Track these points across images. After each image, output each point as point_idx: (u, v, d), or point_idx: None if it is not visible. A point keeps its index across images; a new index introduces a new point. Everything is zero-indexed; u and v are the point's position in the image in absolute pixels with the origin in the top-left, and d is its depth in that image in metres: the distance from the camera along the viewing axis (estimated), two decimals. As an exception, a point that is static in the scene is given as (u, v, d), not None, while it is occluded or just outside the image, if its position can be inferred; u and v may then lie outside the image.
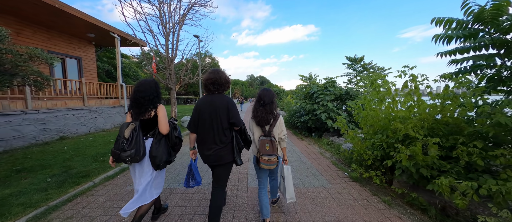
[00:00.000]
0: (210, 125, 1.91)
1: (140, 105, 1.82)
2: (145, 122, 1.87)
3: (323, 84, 7.40)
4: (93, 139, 6.15)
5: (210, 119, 1.90)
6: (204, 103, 1.94)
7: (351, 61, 9.79)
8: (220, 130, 1.91)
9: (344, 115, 6.04)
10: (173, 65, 10.22)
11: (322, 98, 6.61)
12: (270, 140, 2.03)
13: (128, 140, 1.74)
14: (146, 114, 1.84)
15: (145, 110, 1.83)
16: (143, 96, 1.81)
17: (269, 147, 2.01)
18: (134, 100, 1.83)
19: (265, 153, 2.00)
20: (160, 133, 1.88)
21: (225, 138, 1.94)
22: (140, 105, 1.81)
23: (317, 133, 7.15)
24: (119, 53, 8.86)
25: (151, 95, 1.84)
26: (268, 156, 1.99)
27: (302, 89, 10.12)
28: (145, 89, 1.83)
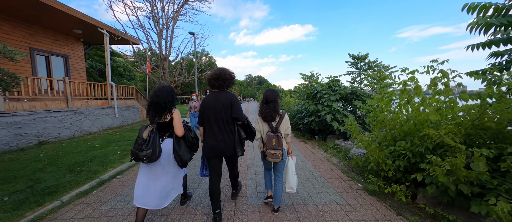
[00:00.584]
0: (215, 119, 2.08)
1: (157, 109, 1.97)
2: (162, 125, 2.02)
3: (326, 83, 6.91)
4: (76, 144, 5.58)
5: (215, 114, 2.07)
6: (210, 100, 2.11)
7: (355, 59, 9.31)
8: (224, 124, 2.09)
9: (351, 117, 5.56)
10: (167, 63, 9.68)
11: (326, 98, 6.12)
12: (276, 135, 2.19)
13: (146, 141, 1.86)
14: (162, 117, 1.98)
15: (162, 114, 1.98)
16: (159, 101, 1.96)
17: (275, 141, 2.17)
18: (152, 104, 1.99)
19: (271, 147, 2.16)
20: (177, 135, 2.04)
21: (229, 131, 2.12)
22: (157, 109, 1.97)
23: (320, 135, 6.66)
24: (108, 50, 8.28)
25: (167, 100, 1.99)
26: (274, 150, 2.15)
27: (304, 89, 9.64)
28: (162, 95, 1.99)
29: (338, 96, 6.05)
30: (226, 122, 2.09)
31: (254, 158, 4.74)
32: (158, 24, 8.61)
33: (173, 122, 2.02)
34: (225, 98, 2.09)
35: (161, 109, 1.96)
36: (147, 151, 1.82)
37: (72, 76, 9.29)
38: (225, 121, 2.09)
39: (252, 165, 4.24)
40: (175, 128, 2.02)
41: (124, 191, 3.02)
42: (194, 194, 2.91)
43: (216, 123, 2.08)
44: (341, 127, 5.58)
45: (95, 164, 4.03)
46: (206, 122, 2.14)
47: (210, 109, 2.09)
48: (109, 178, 3.44)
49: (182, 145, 2.06)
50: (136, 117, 10.06)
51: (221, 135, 2.09)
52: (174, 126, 2.02)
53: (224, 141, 2.09)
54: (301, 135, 7.47)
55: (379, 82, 5.89)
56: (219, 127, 2.09)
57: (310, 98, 6.98)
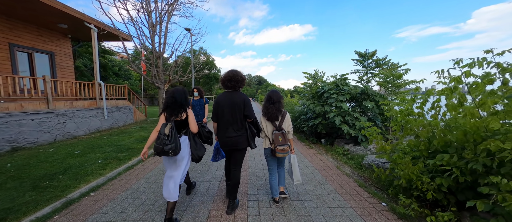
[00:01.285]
0: (229, 116, 2.31)
1: (173, 109, 2.18)
2: (178, 123, 2.22)
3: (333, 82, 6.32)
4: (54, 151, 4.95)
5: (228, 111, 2.30)
6: (224, 98, 2.34)
7: (361, 56, 8.73)
8: (237, 121, 2.32)
9: (363, 119, 4.97)
10: (161, 61, 9.05)
11: (334, 98, 5.53)
12: (282, 133, 2.45)
13: (169, 137, 2.07)
14: (178, 116, 2.19)
15: (177, 112, 2.19)
16: (175, 101, 2.18)
17: (281, 138, 2.41)
18: (169, 104, 2.18)
19: (279, 143, 2.39)
20: (192, 132, 2.27)
21: (241, 127, 2.34)
22: (174, 108, 2.18)
23: (327, 139, 6.08)
24: (96, 47, 7.64)
25: (181, 100, 2.21)
26: (282, 146, 2.39)
27: (307, 88, 9.06)
28: (178, 96, 2.20)
29: (347, 96, 5.46)
30: (239, 119, 2.31)
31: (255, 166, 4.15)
32: (150, 17, 7.99)
33: (187, 119, 2.23)
34: (238, 98, 2.32)
35: (177, 108, 2.17)
36: (171, 145, 2.03)
37: (59, 75, 8.65)
38: (238, 118, 2.31)
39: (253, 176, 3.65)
40: (190, 125, 2.24)
41: (95, 215, 2.41)
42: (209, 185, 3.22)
43: (230, 119, 2.31)
44: (352, 130, 5.00)
45: (67, 176, 3.41)
46: (220, 118, 2.36)
47: (224, 107, 2.31)
48: (80, 196, 2.83)
49: (198, 142, 2.32)
50: (128, 119, 9.43)
51: (234, 130, 2.32)
52: (189, 123, 2.24)
53: (236, 135, 2.31)
54: (306, 138, 6.89)
55: (393, 80, 5.31)
56: (232, 124, 2.32)
57: (316, 98, 6.40)
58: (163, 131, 2.07)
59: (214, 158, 2.66)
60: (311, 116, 6.15)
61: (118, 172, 3.70)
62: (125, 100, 9.57)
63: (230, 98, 2.31)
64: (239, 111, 2.29)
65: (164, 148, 2.01)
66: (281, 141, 2.40)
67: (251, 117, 2.34)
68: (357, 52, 8.91)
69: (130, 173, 3.74)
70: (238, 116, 2.30)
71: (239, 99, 2.31)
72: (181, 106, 2.19)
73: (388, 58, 8.15)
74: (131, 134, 7.09)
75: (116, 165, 4.00)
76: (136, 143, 5.84)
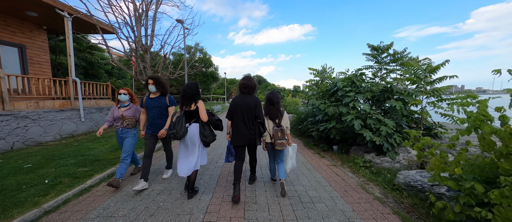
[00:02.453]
0: (242, 116, 2.66)
1: (185, 99, 2.59)
2: (189, 113, 2.61)
3: (347, 78, 5.31)
4: (2, 162, 3.92)
5: (242, 112, 2.65)
6: (239, 101, 2.70)
7: (375, 50, 7.72)
8: (250, 120, 2.68)
9: (391, 123, 3.96)
10: (148, 56, 8.00)
11: (351, 97, 4.52)
12: (280, 129, 2.81)
13: (174, 123, 2.51)
14: (190, 106, 2.58)
15: (188, 103, 2.58)
16: (186, 94, 2.58)
17: (280, 134, 2.77)
18: (181, 96, 2.62)
19: (278, 138, 2.74)
20: (202, 120, 2.59)
21: (253, 126, 2.70)
22: (185, 99, 2.58)
23: (341, 146, 5.06)
24: (70, 38, 6.60)
25: (192, 93, 2.60)
26: (280, 140, 2.73)
27: (313, 86, 8.04)
28: (189, 89, 2.60)
29: (368, 95, 4.44)
30: (251, 119, 2.68)
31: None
32: (134, 4, 6.96)
33: (198, 110, 2.59)
34: (251, 101, 2.69)
35: (187, 99, 2.58)
36: (173, 130, 2.47)
37: (32, 71, 7.61)
38: (250, 118, 2.67)
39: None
40: (201, 114, 2.58)
41: None
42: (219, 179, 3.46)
43: (243, 119, 2.66)
44: (375, 137, 3.98)
45: (-15, 208, 2.38)
46: (234, 117, 2.71)
47: (239, 107, 2.67)
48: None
49: (206, 129, 2.64)
50: (111, 121, 8.39)
51: (246, 129, 2.66)
52: (200, 113, 2.58)
53: (248, 133, 2.67)
54: (314, 144, 5.86)
55: (425, 75, 4.30)
56: (244, 123, 2.66)
57: (327, 97, 5.39)
58: (171, 119, 2.58)
59: (227, 159, 2.91)
60: (322, 118, 5.13)
61: (63, 199, 2.66)
62: (109, 100, 8.53)
63: (245, 101, 2.68)
64: (251, 112, 2.66)
65: (168, 131, 2.49)
66: (280, 136, 2.74)
67: (260, 117, 2.72)
68: (370, 46, 7.90)
69: (82, 200, 2.71)
70: (250, 116, 2.67)
71: (251, 102, 2.67)
72: (192, 98, 2.58)
73: (407, 51, 7.14)
74: (109, 140, 6.06)
75: (67, 187, 2.97)
76: (109, 151, 4.81)
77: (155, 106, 2.97)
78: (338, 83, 4.96)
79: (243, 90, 2.75)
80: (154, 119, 3.00)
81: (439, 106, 4.19)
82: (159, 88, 2.99)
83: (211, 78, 17.12)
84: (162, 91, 3.03)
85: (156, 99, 2.99)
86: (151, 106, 2.97)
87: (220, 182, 3.33)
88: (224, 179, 3.45)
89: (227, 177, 3.53)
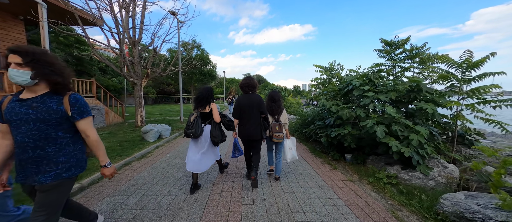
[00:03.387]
0: (248, 113, 2.93)
1: (198, 102, 2.85)
2: (203, 114, 2.85)
3: (363, 76, 4.55)
4: None
5: (248, 109, 2.92)
6: (244, 99, 2.96)
7: (388, 45, 6.95)
8: (254, 117, 2.93)
9: (424, 131, 3.19)
10: (137, 50, 7.22)
11: (370, 98, 3.75)
12: (279, 123, 3.14)
13: (192, 123, 2.73)
14: (204, 108, 2.83)
15: (203, 105, 2.83)
16: (200, 96, 2.85)
17: (278, 128, 3.10)
18: (195, 99, 2.89)
19: (276, 131, 3.08)
20: (215, 121, 2.84)
21: (257, 122, 2.94)
22: (198, 102, 2.84)
23: (356, 155, 4.29)
24: (46, 28, 5.82)
25: (206, 96, 2.85)
26: (278, 133, 3.07)
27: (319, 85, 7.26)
28: (205, 92, 2.87)
29: (392, 95, 3.66)
30: (255, 115, 2.93)
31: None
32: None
33: (212, 112, 2.83)
34: (255, 99, 2.96)
35: (201, 102, 2.83)
36: (192, 130, 2.68)
37: (6, 66, 6.80)
38: (254, 115, 2.93)
39: None
40: (214, 115, 2.82)
41: None
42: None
43: (249, 116, 2.93)
44: (403, 147, 3.21)
45: None
46: (241, 115, 2.96)
47: (244, 106, 2.93)
48: None
49: (217, 129, 2.84)
50: (96, 122, 7.60)
51: (252, 124, 2.93)
52: (213, 114, 2.83)
53: (254, 128, 2.93)
54: (322, 151, 5.09)
55: (465, 72, 3.52)
56: (250, 119, 2.93)
57: (339, 97, 4.62)
58: (189, 119, 2.81)
59: (233, 154, 3.22)
60: (333, 122, 4.35)
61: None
62: (93, 99, 7.74)
63: (249, 99, 2.96)
64: (256, 108, 2.93)
65: (187, 131, 2.72)
66: (278, 129, 3.09)
67: (264, 113, 3.00)
68: (383, 41, 7.12)
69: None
70: (255, 112, 2.94)
71: (255, 99, 2.96)
72: (206, 101, 2.86)
73: (427, 46, 6.36)
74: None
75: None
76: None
77: (29, 118, 1.32)
78: (353, 81, 4.18)
79: (245, 89, 3.03)
80: (27, 149, 1.34)
81: (479, 110, 3.43)
82: (39, 73, 1.32)
83: (209, 76, 16.32)
84: (50, 84, 1.39)
85: (33, 103, 1.35)
86: (20, 120, 1.32)
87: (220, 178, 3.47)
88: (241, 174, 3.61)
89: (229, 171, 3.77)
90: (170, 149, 5.37)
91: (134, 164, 4.10)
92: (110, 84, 18.75)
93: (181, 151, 5.12)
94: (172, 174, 3.63)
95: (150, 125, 6.05)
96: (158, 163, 4.19)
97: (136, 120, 7.60)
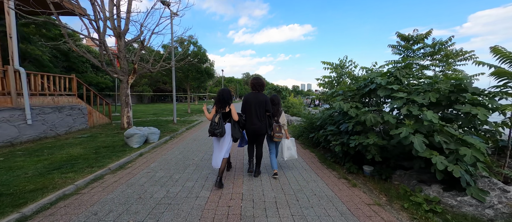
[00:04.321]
0: (255, 110, 3.22)
1: (221, 103, 3.10)
2: (224, 113, 3.12)
3: (385, 73, 3.80)
4: None
5: (254, 107, 3.22)
6: (251, 97, 3.28)
7: (405, 40, 6.21)
8: (260, 114, 3.23)
9: (481, 145, 2.44)
10: (123, 42, 6.40)
11: (402, 100, 2.99)
12: (278, 125, 3.44)
13: (217, 124, 2.99)
14: (224, 108, 3.10)
15: (224, 106, 3.11)
16: (222, 98, 3.11)
17: (278, 128, 3.40)
18: (217, 100, 3.13)
19: (276, 132, 3.38)
20: (233, 119, 3.12)
21: (262, 118, 3.25)
22: (221, 103, 3.10)
23: (380, 168, 3.54)
24: (12, 15, 4.98)
25: (226, 98, 3.13)
26: (278, 133, 3.38)
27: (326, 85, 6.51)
28: (224, 94, 3.13)
29: (433, 96, 2.89)
30: (261, 113, 3.24)
31: None
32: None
33: (230, 112, 3.11)
34: (261, 98, 3.27)
35: (223, 103, 3.10)
36: (219, 130, 2.95)
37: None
38: (260, 112, 3.23)
39: None
40: (233, 115, 3.10)
41: None
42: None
43: (256, 112, 3.22)
44: (451, 165, 2.46)
45: None
46: (247, 112, 3.27)
47: (251, 104, 3.24)
48: None
49: (236, 127, 3.12)
50: (76, 123, 6.76)
51: (258, 121, 3.23)
52: (232, 114, 3.10)
53: (259, 124, 3.23)
54: (334, 160, 4.33)
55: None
56: (256, 115, 3.22)
57: (357, 98, 3.87)
58: (214, 120, 3.02)
59: (240, 144, 3.65)
60: (352, 129, 3.58)
61: None
62: (74, 98, 6.89)
63: (256, 97, 3.28)
64: (262, 106, 3.23)
65: (214, 131, 2.96)
66: (278, 130, 3.39)
67: (269, 111, 3.31)
68: (400, 35, 6.38)
69: None
70: (261, 110, 3.23)
71: (262, 98, 3.27)
72: (227, 102, 3.11)
73: (452, 41, 5.60)
74: (60, 150, 4.48)
75: None
76: (36, 176, 3.22)
77: None
78: (377, 79, 3.42)
79: (256, 88, 3.34)
80: None
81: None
82: None
83: (206, 75, 15.49)
84: None
85: None
86: None
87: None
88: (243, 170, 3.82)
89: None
90: (156, 156, 4.58)
91: (107, 179, 3.30)
92: (101, 81, 17.77)
93: (168, 160, 4.33)
94: (151, 194, 2.84)
95: (134, 128, 5.24)
96: (137, 177, 3.41)
97: (122, 121, 6.78)
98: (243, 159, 4.49)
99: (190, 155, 4.74)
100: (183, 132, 7.54)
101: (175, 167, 3.93)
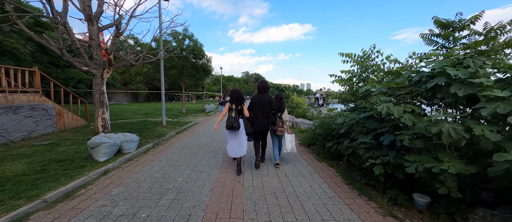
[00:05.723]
0: (260, 109, 3.76)
1: (236, 101, 3.53)
2: (237, 110, 3.54)
3: (453, 60, 2.64)
4: None
5: (260, 106, 3.76)
6: (258, 98, 3.82)
7: (444, 27, 5.03)
8: (265, 113, 3.77)
9: None
10: (95, 28, 5.21)
11: (504, 99, 1.82)
12: (281, 120, 3.91)
13: (235, 118, 3.42)
14: (239, 106, 3.53)
15: (239, 104, 3.54)
16: (240, 97, 3.57)
17: (281, 123, 3.88)
18: (234, 98, 3.54)
19: (279, 126, 3.85)
20: (245, 116, 3.60)
21: (267, 116, 3.79)
22: (237, 101, 3.53)
23: (447, 205, 2.37)
24: None
25: (239, 97, 3.58)
26: (281, 128, 3.86)
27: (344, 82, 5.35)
28: (239, 93, 3.60)
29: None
30: (266, 112, 3.77)
31: None
32: None
33: (242, 109, 3.57)
34: (266, 99, 3.81)
35: (239, 101, 3.53)
36: (237, 123, 3.38)
37: None
38: (265, 111, 3.77)
39: None
40: (245, 112, 3.58)
41: None
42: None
43: (261, 112, 3.76)
44: None
45: None
46: (254, 111, 3.77)
47: (257, 104, 3.78)
48: None
49: (247, 123, 3.60)
50: (40, 126, 5.55)
51: (263, 118, 3.76)
52: (244, 111, 3.57)
53: (264, 122, 3.77)
54: (366, 182, 3.16)
55: None
56: (261, 114, 3.76)
57: (409, 98, 2.70)
58: (231, 115, 3.44)
59: (249, 138, 3.87)
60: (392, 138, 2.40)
61: None
62: (37, 96, 5.67)
63: (261, 98, 3.80)
64: (266, 106, 3.76)
65: (233, 125, 3.36)
66: (281, 125, 3.86)
67: (274, 109, 3.84)
68: (437, 22, 5.17)
69: None
70: (266, 109, 3.76)
71: (266, 99, 3.80)
72: (242, 100, 3.56)
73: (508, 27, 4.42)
74: None
75: None
76: None
77: None
78: (448, 69, 2.26)
79: (262, 90, 3.88)
80: None
81: None
82: None
83: (203, 71, 14.27)
84: None
85: None
86: None
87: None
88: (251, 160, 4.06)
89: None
90: (125, 175, 3.38)
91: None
92: (85, 78, 16.38)
93: (140, 182, 3.14)
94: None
95: (101, 136, 4.03)
96: (79, 218, 2.22)
97: (96, 124, 5.57)
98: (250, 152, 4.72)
99: (173, 173, 3.56)
100: (171, 138, 6.34)
101: (147, 195, 2.75)
